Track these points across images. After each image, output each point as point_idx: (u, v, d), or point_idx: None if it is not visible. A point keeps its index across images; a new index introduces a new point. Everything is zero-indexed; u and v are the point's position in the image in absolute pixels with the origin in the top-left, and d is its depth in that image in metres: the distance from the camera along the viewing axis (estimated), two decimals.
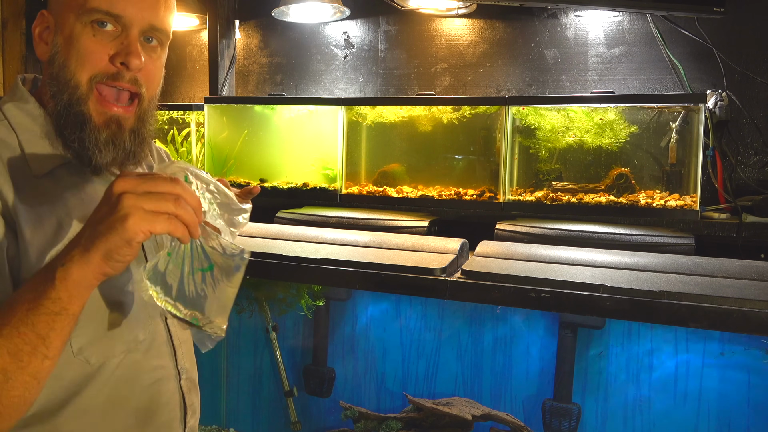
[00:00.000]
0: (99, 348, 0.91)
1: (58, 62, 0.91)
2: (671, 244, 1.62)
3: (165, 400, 1.02)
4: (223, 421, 2.32)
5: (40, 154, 0.91)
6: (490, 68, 2.18)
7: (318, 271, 1.50)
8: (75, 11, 0.89)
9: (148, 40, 0.94)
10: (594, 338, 1.85)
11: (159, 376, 1.00)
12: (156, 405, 1.00)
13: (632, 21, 2.00)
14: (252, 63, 2.52)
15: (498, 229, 1.78)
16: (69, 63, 0.90)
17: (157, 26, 0.93)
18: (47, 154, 0.92)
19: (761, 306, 1.19)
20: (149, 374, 0.99)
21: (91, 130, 0.91)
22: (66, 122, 0.90)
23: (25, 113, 0.93)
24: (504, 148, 1.81)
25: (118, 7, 0.89)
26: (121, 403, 0.95)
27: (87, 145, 0.91)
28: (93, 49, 0.90)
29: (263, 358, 2.28)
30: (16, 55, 2.55)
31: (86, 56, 0.90)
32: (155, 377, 1.00)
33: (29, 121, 0.93)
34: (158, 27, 0.93)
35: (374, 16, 2.32)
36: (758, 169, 1.88)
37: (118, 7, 0.89)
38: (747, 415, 1.72)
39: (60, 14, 0.91)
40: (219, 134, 2.18)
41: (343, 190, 2.00)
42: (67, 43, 0.90)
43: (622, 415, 1.84)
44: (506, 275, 1.37)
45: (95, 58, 0.90)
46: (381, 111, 1.99)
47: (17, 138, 0.91)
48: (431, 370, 2.06)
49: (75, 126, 0.90)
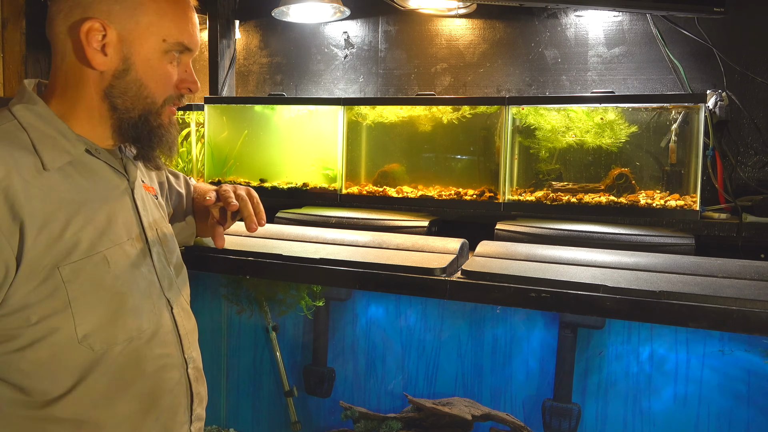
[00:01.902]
0: (103, 335, 0.95)
1: (131, 78, 1.01)
2: (671, 244, 1.62)
3: (169, 387, 1.05)
4: (223, 421, 2.32)
5: (51, 149, 0.97)
6: (490, 68, 2.18)
7: (318, 271, 1.50)
8: (156, 38, 1.01)
9: None
10: (594, 338, 1.85)
11: (163, 364, 1.05)
12: (160, 391, 1.04)
13: (632, 21, 2.00)
14: (252, 63, 2.52)
15: (498, 229, 1.78)
16: (147, 82, 1.02)
17: None
18: (58, 150, 0.97)
19: (761, 306, 1.19)
20: (153, 362, 1.03)
21: (167, 135, 1.08)
22: (141, 133, 1.05)
23: (34, 114, 0.98)
24: (504, 148, 1.81)
25: (193, 42, 1.07)
26: (125, 389, 0.99)
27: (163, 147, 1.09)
28: (171, 74, 1.05)
29: (263, 358, 2.28)
30: (16, 55, 2.55)
31: (165, 80, 1.04)
32: (159, 365, 1.04)
33: (38, 121, 0.98)
34: None
35: (374, 16, 2.32)
36: (758, 169, 1.88)
37: (194, 42, 1.07)
38: (747, 415, 1.72)
39: (131, 32, 1.00)
40: (219, 134, 2.18)
41: (343, 190, 2.00)
42: (145, 65, 1.02)
43: (622, 414, 1.84)
44: (506, 275, 1.37)
45: (171, 82, 1.05)
46: (381, 111, 1.99)
47: (28, 135, 0.96)
48: (431, 370, 2.06)
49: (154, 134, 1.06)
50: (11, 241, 0.88)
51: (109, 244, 0.99)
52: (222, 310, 2.30)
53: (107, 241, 0.99)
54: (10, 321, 0.89)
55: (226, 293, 2.24)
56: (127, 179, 1.09)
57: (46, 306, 0.91)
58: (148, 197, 1.15)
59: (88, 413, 0.95)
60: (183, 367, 1.09)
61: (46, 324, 0.91)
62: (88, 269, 0.94)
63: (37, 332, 0.90)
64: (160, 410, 1.04)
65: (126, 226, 1.04)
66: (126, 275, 0.99)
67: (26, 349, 0.90)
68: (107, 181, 1.04)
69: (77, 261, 0.93)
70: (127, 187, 1.08)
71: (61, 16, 0.99)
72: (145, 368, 1.01)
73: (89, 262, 0.95)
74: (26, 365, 0.91)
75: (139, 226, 1.08)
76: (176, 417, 1.07)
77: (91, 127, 1.03)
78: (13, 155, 0.91)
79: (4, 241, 0.87)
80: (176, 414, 1.07)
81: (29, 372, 0.91)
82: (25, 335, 0.90)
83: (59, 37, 1.00)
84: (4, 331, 0.90)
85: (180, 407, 1.08)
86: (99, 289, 0.95)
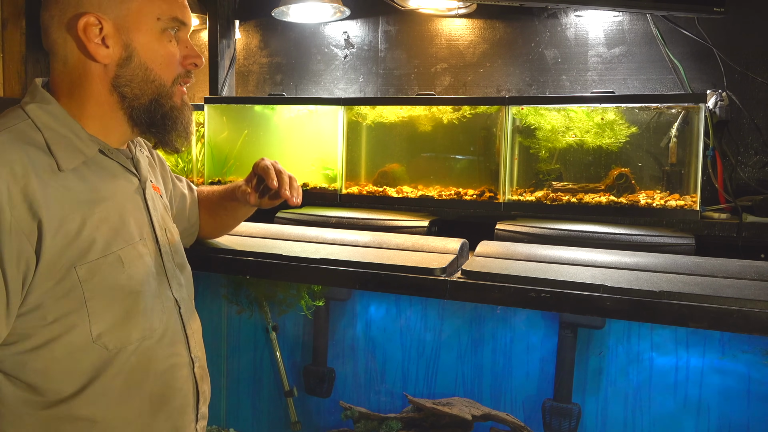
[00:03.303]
0: (117, 335, 0.96)
1: (135, 64, 1.01)
2: (671, 244, 1.62)
3: (179, 386, 1.07)
4: (223, 421, 2.32)
5: (65, 149, 0.97)
6: (490, 68, 2.18)
7: (318, 271, 1.50)
8: (152, 18, 1.00)
9: None
10: (594, 338, 1.85)
11: (173, 363, 1.06)
12: (171, 390, 1.05)
13: (632, 21, 1.99)
14: (252, 63, 2.52)
15: (498, 229, 1.78)
16: (152, 66, 1.02)
17: None
18: (72, 151, 0.98)
19: (761, 306, 1.19)
20: (164, 361, 1.04)
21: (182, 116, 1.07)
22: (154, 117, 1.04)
23: (47, 113, 0.98)
24: (504, 148, 1.81)
25: (187, 16, 1.05)
26: (137, 388, 1.00)
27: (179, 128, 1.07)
28: (173, 53, 1.04)
29: (263, 358, 2.28)
30: (16, 55, 2.55)
31: (169, 60, 1.03)
32: (169, 364, 1.05)
33: (52, 121, 0.98)
34: None
35: (374, 16, 2.32)
36: (758, 169, 1.88)
37: (187, 16, 1.06)
38: (747, 415, 1.72)
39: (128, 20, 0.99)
40: (219, 134, 2.18)
41: (343, 190, 2.00)
42: (147, 49, 1.01)
43: (622, 415, 1.84)
44: (506, 275, 1.37)
45: (175, 61, 1.04)
46: (381, 111, 1.99)
47: (43, 136, 0.96)
48: (431, 370, 2.06)
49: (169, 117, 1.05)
50: (31, 240, 0.88)
51: (123, 243, 0.99)
52: (222, 310, 2.30)
53: (121, 240, 0.99)
54: (26, 320, 0.90)
55: (226, 293, 2.24)
56: (139, 179, 1.10)
57: (62, 305, 0.91)
58: (156, 197, 1.16)
59: (101, 412, 0.95)
60: (190, 366, 1.10)
61: (61, 323, 0.92)
62: (103, 269, 0.95)
63: (52, 331, 0.91)
64: (171, 409, 1.05)
65: (138, 226, 1.05)
66: (139, 275, 1.00)
67: (41, 348, 0.91)
68: (120, 181, 1.05)
69: (93, 261, 0.94)
70: (138, 186, 1.09)
71: (55, 21, 0.99)
72: (156, 368, 1.02)
73: (105, 262, 0.95)
74: (40, 364, 0.92)
75: (150, 226, 1.09)
76: (185, 416, 1.08)
77: (102, 126, 1.03)
78: (29, 155, 0.91)
79: (25, 240, 0.88)
80: (185, 413, 1.08)
81: (43, 371, 0.92)
82: (40, 334, 0.91)
83: (58, 42, 1.00)
84: (20, 330, 0.90)
85: (188, 406, 1.09)
86: (114, 289, 0.96)
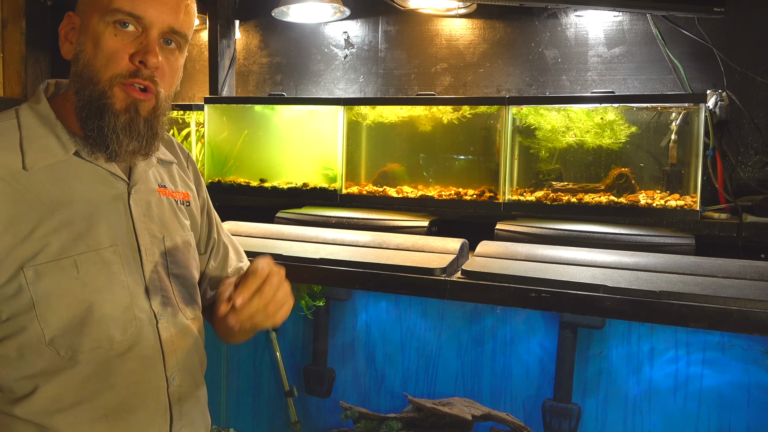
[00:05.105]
0: (69, 341, 0.94)
1: (82, 60, 0.95)
2: (671, 244, 1.62)
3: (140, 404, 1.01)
4: (223, 421, 2.32)
5: (37, 150, 0.96)
6: (490, 68, 2.18)
7: (318, 271, 1.50)
8: (99, 12, 0.94)
9: (167, 42, 0.98)
10: (594, 338, 1.85)
11: (136, 380, 1.00)
12: (128, 407, 0.99)
13: (632, 21, 1.99)
14: (252, 63, 2.52)
15: (498, 229, 1.77)
16: (93, 61, 0.94)
17: (177, 29, 0.97)
18: (42, 151, 0.96)
19: (761, 306, 1.19)
20: (125, 377, 0.98)
21: (110, 117, 0.95)
22: (88, 114, 0.95)
23: (34, 112, 0.99)
24: (504, 148, 1.81)
25: (139, 8, 0.93)
26: (89, 399, 0.96)
27: (105, 132, 0.95)
28: (115, 48, 0.94)
29: (263, 358, 2.28)
30: (16, 55, 2.55)
31: (109, 55, 0.94)
32: (132, 380, 0.99)
33: (35, 119, 0.98)
34: (177, 30, 0.97)
35: (374, 16, 2.32)
36: (758, 169, 1.88)
37: (140, 8, 0.93)
38: (747, 415, 1.72)
39: (85, 15, 0.96)
40: (219, 134, 2.18)
41: (343, 190, 2.00)
42: (91, 43, 0.95)
43: (622, 415, 1.84)
44: (506, 275, 1.37)
45: (117, 57, 0.94)
46: (381, 111, 1.99)
47: (20, 134, 0.95)
48: (431, 370, 2.06)
49: (96, 116, 0.95)
50: None
51: (84, 248, 0.95)
52: None
53: (82, 245, 0.95)
54: None
55: None
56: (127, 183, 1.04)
57: (11, 305, 0.91)
58: (162, 202, 1.09)
59: (49, 418, 0.93)
60: (163, 386, 1.02)
61: (13, 323, 0.91)
62: (53, 273, 0.92)
63: (4, 330, 0.91)
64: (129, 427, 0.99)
65: (111, 232, 0.99)
66: (97, 283, 0.95)
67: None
68: (96, 185, 1.00)
69: (42, 264, 0.91)
70: (122, 192, 1.03)
71: None
72: (115, 382, 0.97)
73: (55, 266, 0.92)
74: None
75: (131, 232, 1.02)
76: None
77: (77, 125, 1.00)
78: None
79: None
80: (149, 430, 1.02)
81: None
82: None
83: None
84: None
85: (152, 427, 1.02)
86: (64, 295, 0.92)
